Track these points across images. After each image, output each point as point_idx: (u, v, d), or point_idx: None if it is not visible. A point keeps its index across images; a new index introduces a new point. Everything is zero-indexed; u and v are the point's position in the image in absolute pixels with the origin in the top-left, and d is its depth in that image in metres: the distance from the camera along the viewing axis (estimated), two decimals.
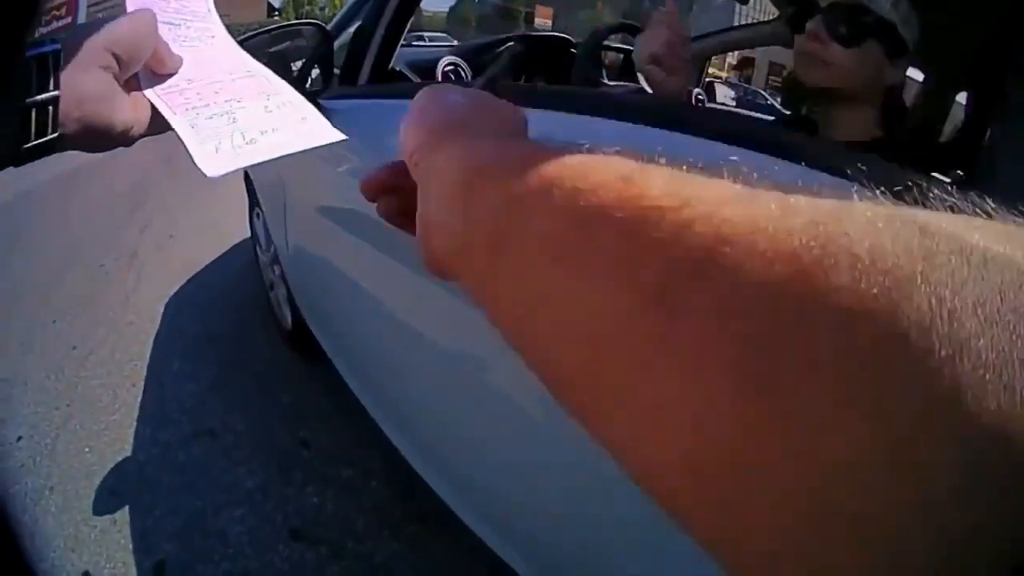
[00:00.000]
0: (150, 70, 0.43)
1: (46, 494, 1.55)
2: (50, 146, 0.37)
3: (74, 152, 0.41)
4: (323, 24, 1.40)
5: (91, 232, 3.32)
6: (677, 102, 1.00)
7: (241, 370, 2.06)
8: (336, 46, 1.46)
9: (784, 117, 1.59)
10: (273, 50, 1.27)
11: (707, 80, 2.31)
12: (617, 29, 1.45)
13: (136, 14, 0.41)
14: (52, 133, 0.36)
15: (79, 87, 0.37)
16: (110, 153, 0.43)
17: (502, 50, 1.81)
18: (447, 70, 1.53)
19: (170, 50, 0.44)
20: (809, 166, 0.47)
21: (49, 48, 0.37)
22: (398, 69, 1.40)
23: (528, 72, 1.91)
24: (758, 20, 1.99)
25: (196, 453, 1.69)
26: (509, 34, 1.94)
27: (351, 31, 1.55)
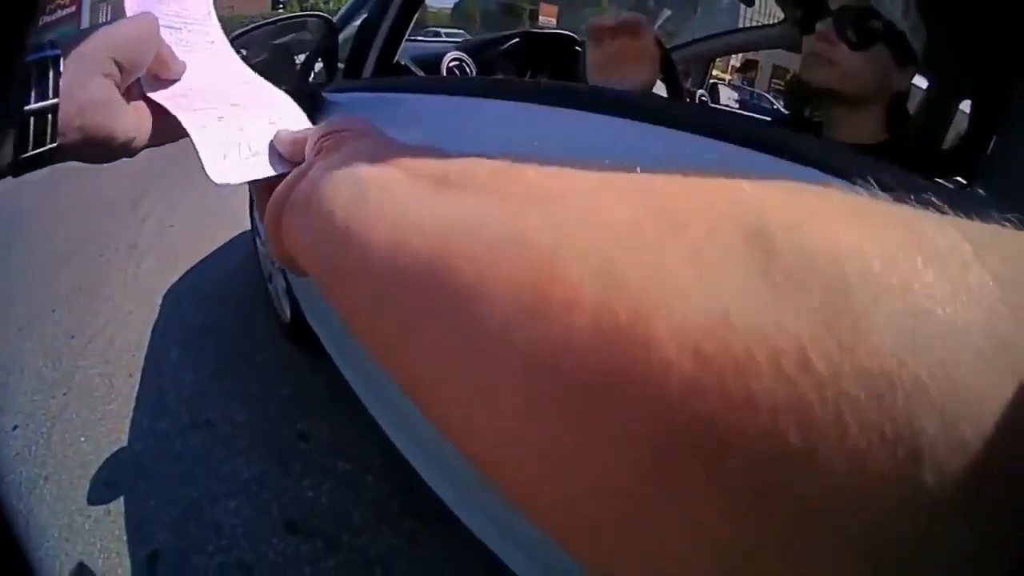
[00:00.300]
0: (152, 75, 0.41)
1: (41, 483, 1.55)
2: (49, 156, 0.36)
3: None
4: (328, 17, 1.39)
5: (91, 221, 3.31)
6: (678, 101, 0.99)
7: (240, 361, 2.05)
8: (341, 39, 1.46)
9: (785, 117, 1.59)
10: (277, 42, 1.27)
11: (711, 81, 2.31)
12: None
13: (137, 18, 0.40)
14: (51, 143, 0.35)
15: (80, 94, 0.36)
16: None
17: (506, 47, 1.80)
18: (452, 65, 1.53)
19: (174, 54, 0.42)
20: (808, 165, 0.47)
21: (49, 53, 0.35)
22: (403, 63, 1.39)
23: (533, 69, 1.91)
24: (763, 23, 1.98)
25: (193, 443, 1.69)
26: (514, 31, 1.94)
27: (356, 24, 1.55)
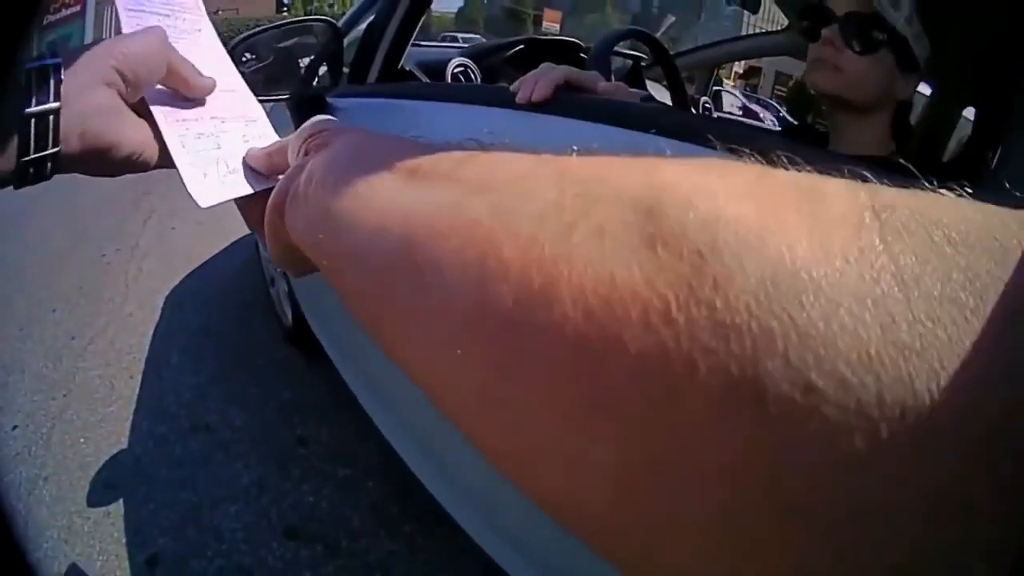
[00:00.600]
0: (164, 90, 0.41)
1: (40, 484, 1.55)
2: (51, 166, 0.36)
3: None
4: (334, 21, 1.40)
5: (93, 222, 3.32)
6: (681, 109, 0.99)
7: (241, 365, 2.05)
8: (346, 43, 1.46)
9: (793, 128, 1.59)
10: (282, 45, 1.27)
11: (714, 89, 2.31)
12: (630, 35, 1.45)
13: (145, 32, 0.40)
14: (53, 147, 0.35)
15: (82, 101, 0.36)
16: None
17: (511, 53, 1.81)
18: (457, 71, 1.53)
19: (196, 71, 0.41)
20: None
21: (49, 61, 0.35)
22: (408, 69, 1.39)
23: None
24: (766, 30, 1.99)
25: (193, 447, 1.69)
26: (519, 37, 1.94)
27: (361, 28, 1.55)
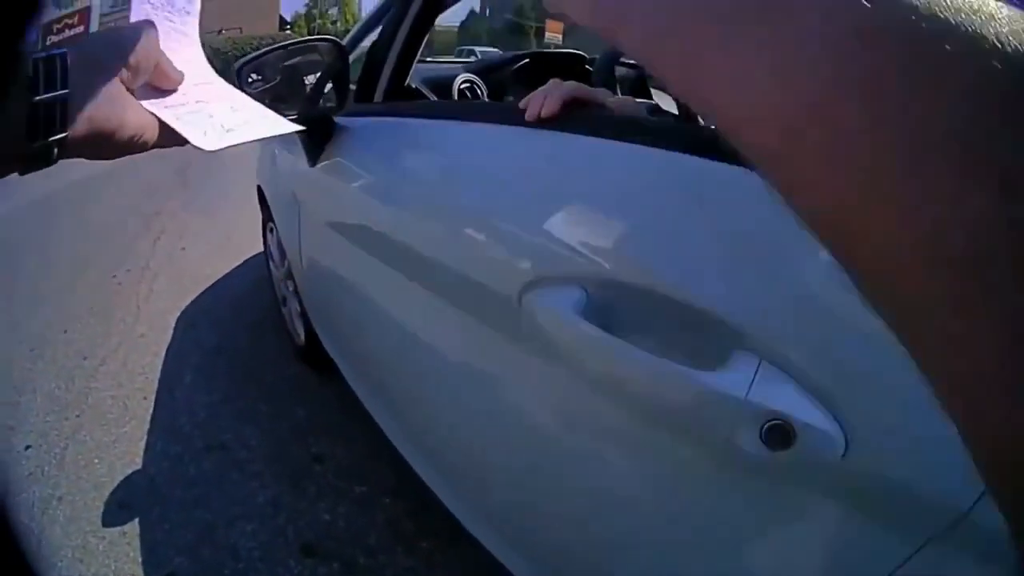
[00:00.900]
0: (149, 85, 0.44)
1: (54, 504, 1.55)
2: (57, 150, 0.37)
3: (87, 161, 0.41)
4: (338, 40, 1.40)
5: (103, 242, 3.35)
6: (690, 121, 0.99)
7: (254, 384, 2.06)
8: (351, 60, 1.47)
9: None
10: (287, 64, 1.28)
11: None
12: None
13: (140, 25, 0.43)
14: (61, 132, 0.37)
15: (89, 88, 0.38)
16: (123, 163, 0.43)
17: (516, 67, 1.82)
18: (463, 87, 1.54)
19: (174, 65, 0.45)
20: None
21: (56, 52, 0.37)
22: (414, 86, 1.40)
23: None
24: None
25: (207, 467, 1.69)
26: (523, 51, 1.95)
27: (365, 46, 1.56)
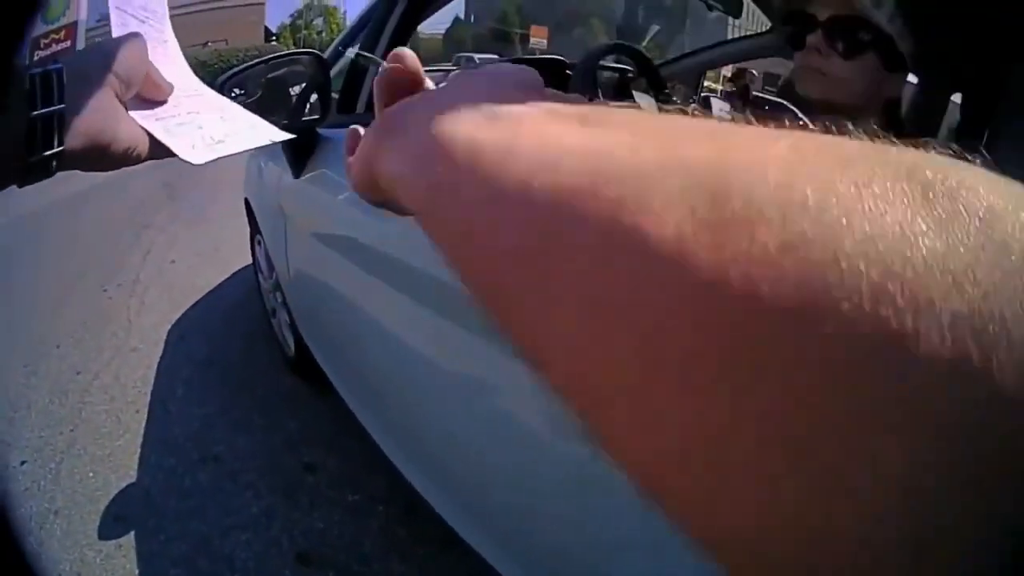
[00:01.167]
0: (139, 97, 0.44)
1: (51, 518, 1.55)
2: (53, 164, 0.38)
3: (77, 175, 0.42)
4: (319, 53, 1.41)
5: (93, 256, 3.34)
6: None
7: (246, 395, 2.06)
8: (334, 72, 1.48)
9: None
10: (272, 76, 1.28)
11: (703, 94, 2.33)
12: (612, 50, 1.46)
13: (131, 38, 0.43)
14: (58, 146, 0.37)
15: (83, 102, 0.39)
16: (112, 176, 0.44)
17: None
18: None
19: (163, 76, 0.46)
20: None
21: (52, 67, 0.38)
22: None
23: None
24: (753, 32, 2.01)
25: (202, 478, 1.69)
26: (505, 57, 1.96)
27: (349, 57, 1.57)
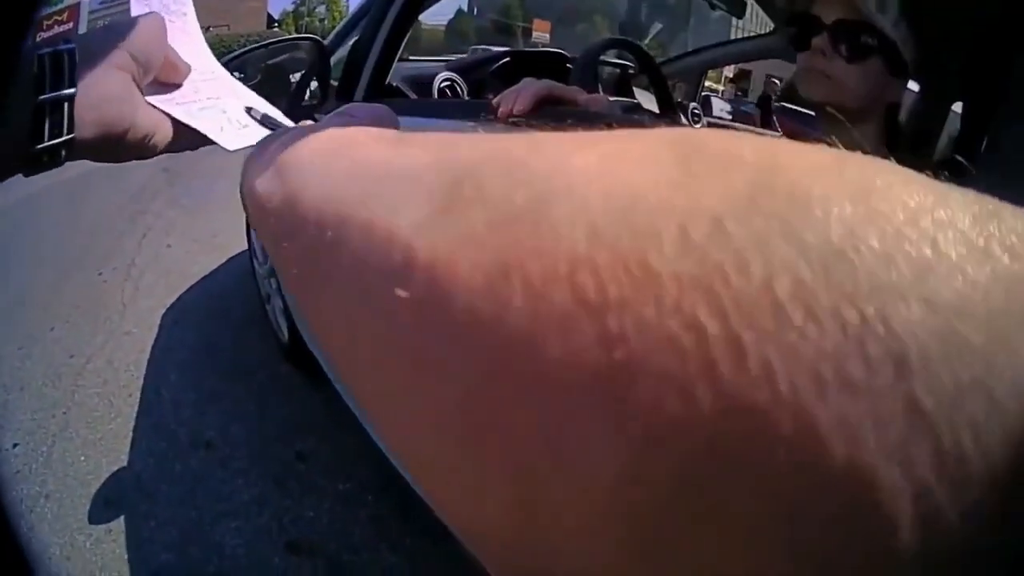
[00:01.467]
0: (156, 80, 0.41)
1: (41, 501, 1.55)
2: (63, 152, 0.35)
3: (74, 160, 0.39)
4: (320, 39, 1.41)
5: (89, 240, 3.33)
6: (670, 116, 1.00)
7: (239, 382, 2.06)
8: (334, 60, 1.47)
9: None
10: (271, 62, 1.28)
11: (703, 94, 2.33)
12: (613, 44, 1.46)
13: (148, 18, 0.40)
14: (67, 134, 0.34)
15: (97, 87, 0.35)
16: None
17: (497, 66, 1.82)
18: (443, 86, 1.54)
19: (180, 56, 0.42)
20: None
21: (63, 47, 0.34)
22: (395, 85, 1.40)
23: None
24: (755, 33, 2.00)
25: (193, 464, 1.69)
26: (504, 49, 1.95)
27: (349, 44, 1.56)
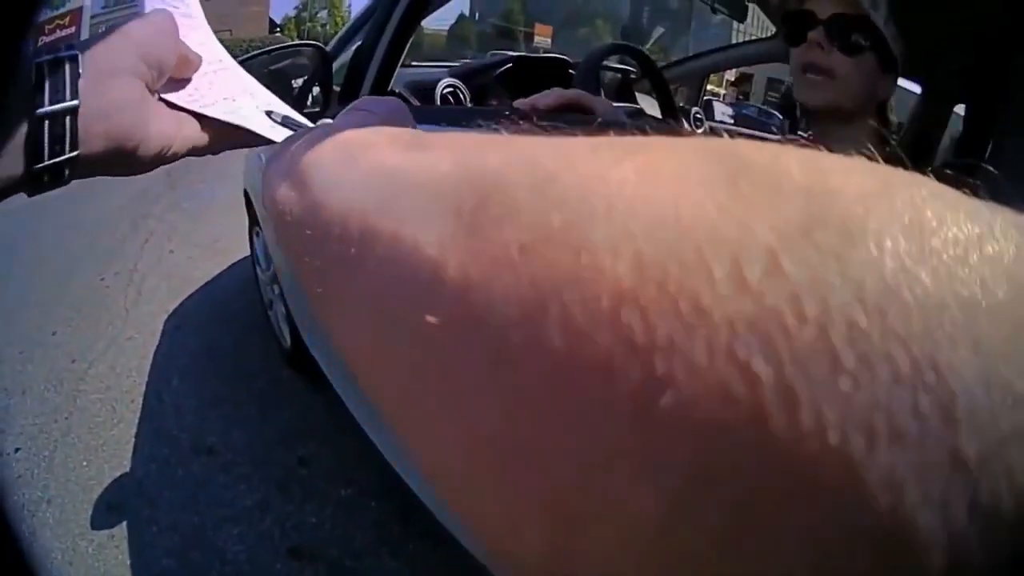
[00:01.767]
0: (170, 79, 0.37)
1: (43, 507, 1.55)
2: (68, 170, 0.31)
3: None
4: (322, 46, 1.41)
5: (91, 244, 3.32)
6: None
7: (241, 387, 2.06)
8: (337, 66, 1.47)
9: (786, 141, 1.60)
10: (274, 68, 1.28)
11: (705, 98, 2.33)
12: (616, 50, 1.46)
13: (157, 15, 0.36)
14: (71, 151, 0.30)
15: (104, 96, 0.31)
16: None
17: (499, 72, 1.82)
18: (446, 92, 1.54)
19: (191, 49, 0.38)
20: None
21: (65, 53, 0.30)
22: (397, 91, 1.41)
23: (526, 94, 1.91)
24: (756, 37, 2.01)
25: (195, 469, 1.69)
26: (506, 54, 1.95)
27: (352, 50, 1.56)
